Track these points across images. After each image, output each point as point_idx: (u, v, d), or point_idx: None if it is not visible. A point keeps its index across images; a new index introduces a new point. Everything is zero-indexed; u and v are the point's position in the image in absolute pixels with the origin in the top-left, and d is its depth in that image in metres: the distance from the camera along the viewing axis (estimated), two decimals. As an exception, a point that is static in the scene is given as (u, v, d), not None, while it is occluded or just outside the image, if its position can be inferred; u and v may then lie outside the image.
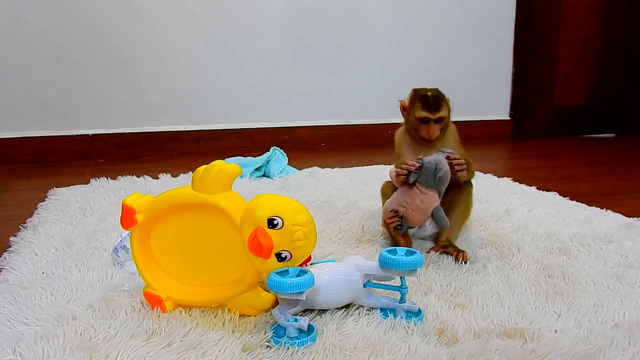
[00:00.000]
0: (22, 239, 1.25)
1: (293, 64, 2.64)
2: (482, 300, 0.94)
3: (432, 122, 1.21)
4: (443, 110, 1.21)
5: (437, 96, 1.21)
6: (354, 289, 0.88)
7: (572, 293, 0.98)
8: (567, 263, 1.13)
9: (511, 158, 2.71)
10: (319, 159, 2.29)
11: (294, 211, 0.81)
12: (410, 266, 0.84)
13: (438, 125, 1.21)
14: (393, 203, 1.17)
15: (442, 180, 1.12)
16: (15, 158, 2.33)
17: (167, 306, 0.89)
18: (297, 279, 0.78)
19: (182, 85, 2.51)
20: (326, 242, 1.25)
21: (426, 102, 1.21)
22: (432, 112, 1.20)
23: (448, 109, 1.23)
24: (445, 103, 1.22)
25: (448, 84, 2.83)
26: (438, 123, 1.21)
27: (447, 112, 1.22)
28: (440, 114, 1.20)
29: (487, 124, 3.04)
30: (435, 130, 1.21)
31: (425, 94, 1.22)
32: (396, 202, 1.17)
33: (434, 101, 1.20)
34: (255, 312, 0.88)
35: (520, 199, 1.64)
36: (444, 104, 1.21)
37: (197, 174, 0.84)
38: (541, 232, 1.32)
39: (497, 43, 2.95)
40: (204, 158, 2.10)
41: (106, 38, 2.37)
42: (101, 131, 2.44)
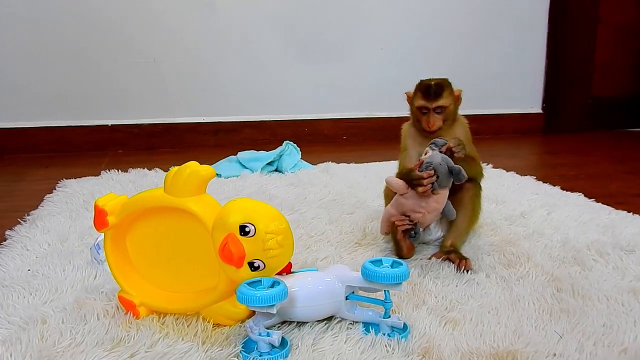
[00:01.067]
0: (18, 233, 1.24)
1: (315, 54, 2.57)
2: (477, 316, 0.87)
3: (431, 111, 1.14)
4: (443, 99, 1.13)
5: (439, 84, 1.14)
6: (334, 301, 0.82)
7: (579, 310, 0.90)
8: (579, 275, 1.05)
9: (540, 154, 2.59)
10: (338, 153, 2.23)
11: (267, 218, 0.75)
12: (394, 279, 0.78)
13: (439, 115, 1.14)
14: (404, 209, 1.10)
15: (456, 177, 1.06)
16: (36, 147, 2.35)
17: (141, 312, 0.85)
18: (268, 291, 0.73)
19: (201, 76, 2.48)
20: (324, 245, 1.19)
21: (425, 91, 1.14)
22: (430, 101, 1.13)
23: (452, 99, 1.15)
24: (449, 93, 1.15)
25: (476, 75, 2.77)
26: (439, 113, 1.14)
27: (450, 102, 1.14)
28: (439, 102, 1.13)
29: (518, 117, 2.91)
30: (435, 120, 1.14)
31: (427, 83, 1.15)
32: (409, 208, 1.09)
33: (434, 89, 1.13)
34: (231, 322, 0.83)
35: (541, 200, 1.54)
36: (445, 93, 1.14)
37: (169, 175, 0.80)
38: (557, 239, 1.23)
39: (529, 30, 2.80)
40: (222, 150, 2.11)
41: (126, 29, 2.36)
42: (120, 122, 2.44)
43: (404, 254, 1.11)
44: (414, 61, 2.68)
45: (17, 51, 2.27)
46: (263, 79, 2.54)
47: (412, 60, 2.67)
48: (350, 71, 2.62)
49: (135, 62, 2.40)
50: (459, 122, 1.20)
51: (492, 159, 2.11)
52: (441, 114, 1.14)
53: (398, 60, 2.66)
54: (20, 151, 2.32)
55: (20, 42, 2.27)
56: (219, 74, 2.49)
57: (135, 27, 2.37)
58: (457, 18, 2.69)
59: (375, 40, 2.63)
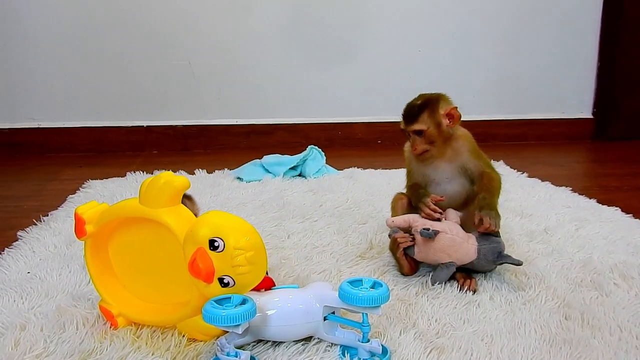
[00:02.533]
0: (29, 234, 1.26)
1: (350, 56, 2.53)
2: (468, 343, 0.81)
3: (411, 134, 1.07)
4: (418, 123, 1.05)
5: (419, 106, 1.06)
6: (310, 321, 0.78)
7: (585, 341, 0.82)
8: (594, 301, 0.96)
9: (585, 162, 2.44)
10: (370, 158, 2.19)
11: (238, 233, 0.72)
12: (371, 302, 0.73)
13: (420, 138, 1.06)
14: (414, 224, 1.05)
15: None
16: (74, 147, 2.42)
17: (119, 322, 0.84)
18: (233, 310, 0.70)
19: (235, 79, 2.48)
20: (326, 257, 1.15)
21: (404, 114, 1.08)
22: (406, 125, 1.07)
23: (432, 122, 1.05)
24: (429, 115, 1.05)
25: (520, 77, 2.65)
26: (419, 136, 1.06)
27: (429, 125, 1.05)
28: (413, 126, 1.05)
29: (566, 122, 2.76)
30: (417, 144, 1.06)
31: (410, 103, 1.08)
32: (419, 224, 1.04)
33: (409, 112, 1.06)
34: (205, 337, 0.81)
35: (571, 214, 1.44)
36: (423, 116, 1.05)
37: (144, 185, 0.78)
38: (578, 258, 1.15)
39: (579, 29, 2.63)
40: (254, 152, 2.10)
41: (162, 33, 2.39)
42: (155, 123, 2.48)
43: (405, 271, 1.06)
44: (453, 63, 2.59)
45: (60, 55, 2.35)
46: (296, 81, 2.52)
47: (451, 62, 2.58)
48: (386, 73, 2.56)
49: (171, 64, 2.43)
50: (459, 139, 1.10)
51: (532, 166, 2.01)
52: (422, 136, 1.06)
53: (436, 62, 2.58)
54: (60, 150, 2.40)
55: (62, 47, 2.34)
56: (252, 77, 2.49)
57: (171, 31, 2.40)
58: (499, 17, 2.57)
59: (413, 42, 2.56)
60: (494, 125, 2.65)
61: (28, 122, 2.40)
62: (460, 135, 1.10)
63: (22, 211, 1.51)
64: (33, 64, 2.34)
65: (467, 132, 1.12)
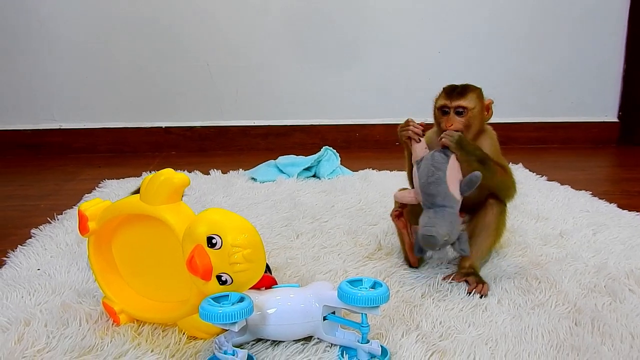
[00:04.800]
0: (43, 232, 1.28)
1: (368, 58, 2.51)
2: (471, 347, 0.79)
3: (452, 111, 1.04)
4: (466, 100, 1.03)
5: (465, 86, 1.06)
6: (309, 321, 0.77)
7: (594, 348, 0.79)
8: (606, 307, 0.93)
9: (609, 167, 2.38)
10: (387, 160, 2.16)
11: (236, 230, 0.72)
12: (370, 302, 0.72)
13: (460, 118, 1.04)
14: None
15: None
16: (95, 148, 2.45)
17: (122, 319, 0.85)
18: (230, 308, 0.70)
19: (253, 80, 2.49)
20: (333, 257, 1.14)
21: (449, 90, 1.06)
22: (452, 99, 1.04)
23: (477, 103, 1.05)
24: (476, 96, 1.05)
25: (542, 79, 2.60)
26: (460, 115, 1.04)
27: (475, 105, 1.04)
28: (460, 102, 1.03)
29: (591, 126, 2.69)
30: (454, 122, 1.03)
31: (454, 84, 1.07)
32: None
33: (459, 89, 1.05)
34: (205, 335, 0.81)
35: (589, 219, 1.40)
36: (470, 95, 1.04)
37: (145, 182, 0.78)
38: (593, 263, 1.11)
39: (604, 28, 2.57)
40: (272, 153, 2.10)
41: (181, 35, 2.41)
42: (173, 124, 2.50)
43: (411, 263, 1.05)
44: (473, 64, 2.55)
45: (81, 58, 2.39)
46: (314, 82, 2.51)
47: (470, 63, 2.55)
48: (404, 75, 2.54)
49: (190, 65, 2.45)
50: (486, 136, 1.09)
51: (552, 170, 1.97)
52: (463, 116, 1.04)
53: (455, 64, 2.55)
54: (81, 151, 2.44)
55: (83, 49, 2.38)
56: (270, 78, 2.50)
57: (189, 33, 2.42)
58: (521, 16, 2.52)
59: (432, 44, 2.53)
60: (514, 128, 2.60)
61: (50, 123, 2.44)
62: (488, 133, 1.09)
63: (38, 210, 1.53)
64: (55, 67, 2.39)
65: (494, 132, 1.11)
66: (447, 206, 0.97)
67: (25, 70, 2.38)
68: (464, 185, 0.98)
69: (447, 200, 0.97)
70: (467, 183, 0.98)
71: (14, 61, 2.36)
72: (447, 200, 0.97)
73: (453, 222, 0.97)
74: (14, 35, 2.34)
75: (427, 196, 0.98)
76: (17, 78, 2.39)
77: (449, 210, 0.97)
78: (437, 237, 0.93)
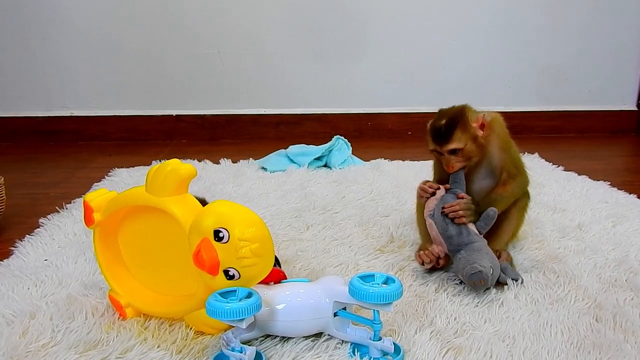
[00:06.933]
0: (51, 221, 1.27)
1: (381, 46, 2.47)
2: (487, 344, 0.76)
3: (446, 154, 1.01)
4: (454, 142, 0.99)
5: (449, 124, 0.99)
6: (319, 317, 0.75)
7: (616, 346, 0.76)
8: (628, 302, 0.90)
9: (628, 156, 2.33)
10: (400, 149, 2.14)
11: (244, 224, 0.70)
12: (382, 299, 0.69)
13: (456, 157, 1.00)
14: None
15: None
16: (107, 135, 2.44)
17: (128, 313, 0.83)
18: (237, 304, 0.68)
19: (264, 68, 2.46)
20: (344, 250, 1.12)
21: (435, 134, 1.01)
22: (440, 145, 1.00)
23: (467, 138, 0.99)
24: (463, 131, 0.99)
25: (559, 67, 2.54)
26: (454, 154, 1.00)
27: (465, 142, 0.99)
28: (449, 146, 0.99)
29: (609, 114, 2.63)
30: (452, 163, 1.01)
31: (437, 124, 1.00)
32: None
33: (443, 132, 0.99)
34: (213, 330, 0.79)
35: (608, 210, 1.36)
36: (457, 134, 0.98)
37: (150, 173, 0.76)
38: (613, 257, 1.08)
39: (622, 14, 2.50)
40: (283, 142, 2.07)
41: (192, 23, 2.38)
42: (185, 112, 2.48)
43: None
44: (488, 52, 2.50)
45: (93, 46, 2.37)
46: (326, 71, 2.48)
47: (485, 51, 2.49)
48: (418, 63, 2.49)
49: (200, 54, 2.42)
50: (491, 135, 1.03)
51: (569, 160, 1.93)
52: (458, 154, 1.00)
53: (470, 51, 2.49)
54: (93, 139, 2.43)
55: (95, 37, 2.36)
56: (281, 66, 2.46)
57: (200, 20, 2.38)
58: (536, 3, 2.46)
59: (447, 31, 2.48)
60: (530, 117, 2.55)
61: (62, 110, 2.43)
62: (494, 132, 1.02)
63: (48, 198, 1.52)
64: (67, 55, 2.37)
65: (499, 119, 1.05)
66: (475, 241, 0.95)
67: (38, 58, 2.37)
68: (481, 223, 0.98)
69: (471, 235, 0.96)
70: (485, 220, 0.97)
71: (27, 49, 2.35)
72: (472, 236, 0.96)
73: (488, 252, 0.95)
74: (27, 22, 2.33)
75: (452, 239, 0.96)
76: (30, 65, 2.37)
77: (478, 244, 0.95)
78: (484, 271, 0.89)
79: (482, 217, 0.97)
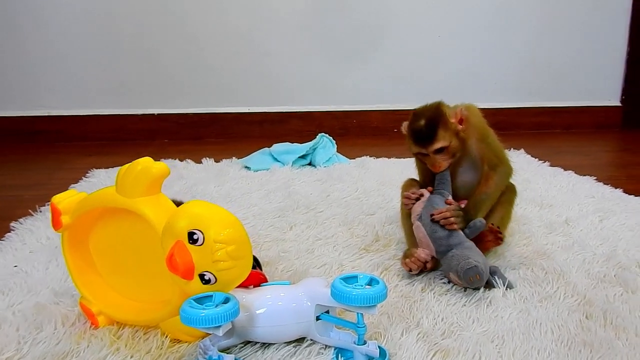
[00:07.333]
0: (23, 225, 1.22)
1: (364, 43, 2.44)
2: (476, 345, 0.74)
3: (431, 155, 0.98)
4: (440, 141, 0.96)
5: (430, 124, 0.96)
6: (301, 322, 0.71)
7: (607, 343, 0.74)
8: (618, 298, 0.88)
9: (613, 151, 2.32)
10: (385, 147, 2.11)
11: (218, 225, 0.66)
12: (366, 301, 0.66)
13: (442, 155, 0.98)
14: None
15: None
16: (87, 135, 2.38)
17: (100, 321, 0.79)
18: (213, 310, 0.64)
19: (248, 66, 2.42)
20: (329, 250, 1.09)
21: (417, 137, 0.98)
22: (425, 147, 0.98)
23: (450, 135, 0.97)
24: (445, 129, 0.96)
25: (545, 63, 2.53)
26: (440, 153, 0.98)
27: (450, 139, 0.97)
28: (435, 146, 0.97)
29: (594, 110, 2.63)
30: (439, 162, 0.99)
31: (417, 126, 0.98)
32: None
33: (426, 133, 0.96)
34: (190, 338, 0.75)
35: (595, 205, 1.35)
36: (440, 133, 0.96)
37: (120, 173, 0.72)
38: (602, 252, 1.06)
39: (608, 14, 2.51)
40: (267, 141, 2.03)
41: (174, 19, 2.33)
42: (167, 111, 2.43)
43: None
44: (474, 50, 2.48)
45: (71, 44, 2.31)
46: (311, 68, 2.44)
47: (472, 49, 2.48)
48: (404, 60, 2.47)
49: (183, 51, 2.38)
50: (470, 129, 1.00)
51: (555, 155, 1.92)
52: (444, 153, 0.98)
53: (457, 49, 2.48)
54: (72, 139, 2.37)
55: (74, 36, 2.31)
56: (266, 64, 2.42)
57: (183, 17, 2.34)
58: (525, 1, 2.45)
59: (432, 27, 2.45)
60: (517, 114, 2.54)
61: (39, 110, 2.37)
62: (472, 125, 1.00)
63: (21, 201, 1.47)
64: (44, 53, 2.31)
65: (474, 109, 1.02)
66: (463, 241, 0.94)
67: (13, 55, 2.30)
68: (467, 231, 0.95)
69: (460, 236, 0.94)
70: (472, 229, 0.96)
71: (3, 47, 2.29)
72: (461, 236, 0.94)
73: (479, 251, 0.93)
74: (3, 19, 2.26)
75: (441, 240, 0.94)
76: (4, 63, 2.31)
77: (467, 243, 0.94)
78: (480, 266, 0.87)
79: (470, 226, 0.95)
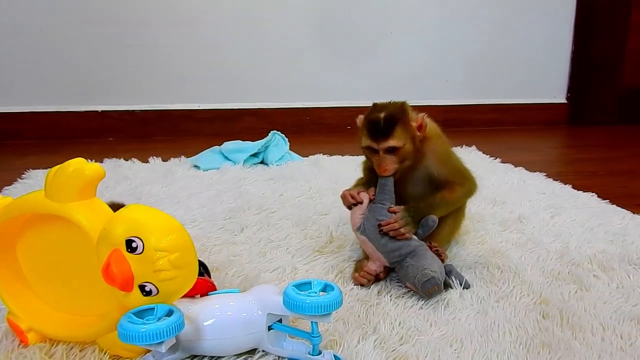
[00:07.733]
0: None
1: (320, 40, 2.41)
2: (435, 350, 0.71)
3: (381, 152, 0.91)
4: (394, 139, 0.88)
5: (389, 119, 0.88)
6: (252, 332, 0.67)
7: (565, 344, 0.73)
8: (573, 296, 0.88)
9: (560, 147, 2.38)
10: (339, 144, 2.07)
11: (159, 231, 0.61)
12: (320, 310, 0.62)
13: (392, 156, 0.90)
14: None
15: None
16: (22, 134, 2.25)
17: (30, 339, 0.72)
18: (154, 325, 0.59)
19: (197, 61, 2.34)
20: (281, 252, 1.04)
21: (372, 129, 0.89)
22: (379, 141, 0.90)
23: (407, 137, 0.89)
24: (404, 129, 0.89)
25: (494, 62, 2.56)
26: (391, 154, 0.90)
27: (405, 141, 0.89)
28: (388, 143, 0.89)
29: (541, 107, 2.70)
30: (387, 163, 0.90)
31: (376, 117, 0.89)
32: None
33: (383, 127, 0.88)
34: (131, 354, 0.69)
35: (546, 201, 1.36)
36: (398, 130, 0.88)
37: (50, 175, 0.66)
38: (555, 248, 1.06)
39: (554, 13, 2.57)
40: (219, 139, 1.96)
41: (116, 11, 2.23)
42: (111, 107, 2.33)
43: None
44: (425, 47, 2.49)
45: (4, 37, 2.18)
46: (263, 63, 2.39)
47: (423, 46, 2.49)
48: (356, 56, 2.45)
49: (127, 44, 2.28)
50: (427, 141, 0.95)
51: (506, 152, 1.94)
52: (395, 154, 0.91)
53: (408, 46, 2.48)
54: (5, 137, 2.23)
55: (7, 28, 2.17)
56: (216, 58, 2.36)
57: (127, 9, 2.24)
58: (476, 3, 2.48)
59: (386, 24, 2.44)
60: (467, 111, 2.57)
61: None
62: (429, 137, 0.95)
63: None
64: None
65: (436, 129, 0.97)
66: (417, 247, 0.90)
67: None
68: (419, 231, 0.92)
69: (412, 242, 0.90)
70: (424, 228, 0.92)
71: None
72: (412, 242, 0.90)
73: (433, 256, 0.89)
74: None
75: (393, 252, 0.89)
76: None
77: (420, 248, 0.90)
78: (437, 276, 0.83)
79: (422, 225, 0.91)
